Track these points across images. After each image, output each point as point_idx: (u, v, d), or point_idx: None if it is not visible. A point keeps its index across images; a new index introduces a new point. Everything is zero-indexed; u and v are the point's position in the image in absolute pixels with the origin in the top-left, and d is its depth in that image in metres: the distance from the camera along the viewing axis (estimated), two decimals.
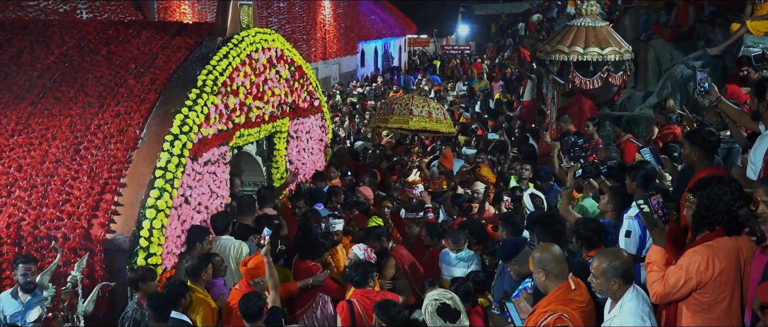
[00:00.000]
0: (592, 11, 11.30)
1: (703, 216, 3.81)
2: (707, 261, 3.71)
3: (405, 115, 10.16)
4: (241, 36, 7.75)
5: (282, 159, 8.90)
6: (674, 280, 3.75)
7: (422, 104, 10.34)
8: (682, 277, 3.73)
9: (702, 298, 3.77)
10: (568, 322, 3.91)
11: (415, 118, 10.10)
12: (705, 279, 3.72)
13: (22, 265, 5.83)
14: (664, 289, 3.77)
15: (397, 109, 10.29)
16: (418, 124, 10.15)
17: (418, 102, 10.39)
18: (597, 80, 10.78)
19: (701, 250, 3.76)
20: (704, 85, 5.50)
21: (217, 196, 7.22)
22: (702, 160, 4.98)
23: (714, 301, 3.76)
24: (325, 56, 25.20)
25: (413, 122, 10.10)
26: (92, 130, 6.80)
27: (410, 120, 10.09)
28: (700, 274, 3.71)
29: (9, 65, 7.61)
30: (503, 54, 31.48)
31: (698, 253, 3.75)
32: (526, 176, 8.80)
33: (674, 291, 3.77)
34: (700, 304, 3.78)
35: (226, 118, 7.33)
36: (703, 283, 3.72)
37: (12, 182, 6.48)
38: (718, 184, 3.81)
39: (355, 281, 5.74)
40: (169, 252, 6.38)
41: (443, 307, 4.68)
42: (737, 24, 10.33)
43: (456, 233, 6.50)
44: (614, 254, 4.03)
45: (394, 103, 10.64)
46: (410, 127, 10.20)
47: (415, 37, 40.17)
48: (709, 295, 3.75)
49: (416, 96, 11.09)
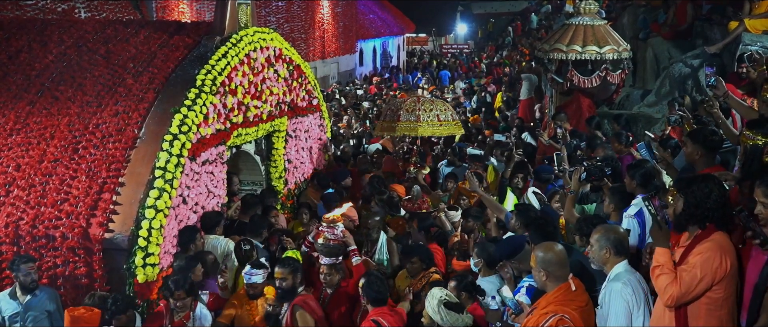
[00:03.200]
0: (590, 10, 11.29)
1: (692, 214, 3.80)
2: (720, 257, 3.68)
3: (413, 122, 9.76)
4: (240, 35, 7.75)
5: (280, 158, 8.89)
6: (690, 280, 3.70)
7: (429, 108, 9.93)
8: (697, 276, 3.69)
9: (715, 295, 3.73)
10: (570, 323, 3.92)
11: (423, 125, 9.72)
12: (719, 275, 3.68)
13: (24, 265, 5.82)
14: (681, 289, 3.71)
15: (403, 115, 9.85)
16: (427, 131, 9.78)
17: (425, 106, 9.97)
18: (595, 79, 10.78)
19: (711, 246, 3.72)
20: (712, 80, 5.54)
21: (214, 195, 7.22)
22: (703, 159, 4.98)
23: (725, 297, 3.73)
24: (323, 55, 25.20)
25: (422, 129, 9.72)
26: (91, 129, 6.80)
27: (419, 127, 9.70)
28: (715, 271, 3.67)
29: (7, 64, 7.60)
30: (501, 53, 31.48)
31: (710, 250, 3.71)
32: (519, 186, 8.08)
33: (691, 291, 3.72)
34: (714, 302, 3.74)
35: (225, 117, 7.33)
36: (718, 279, 3.69)
37: (10, 182, 6.48)
38: (703, 181, 3.81)
39: (375, 299, 5.27)
40: (166, 251, 6.38)
41: (449, 302, 4.75)
42: (735, 22, 10.35)
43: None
44: (610, 228, 4.32)
45: (400, 108, 10.12)
46: (419, 134, 9.84)
47: (414, 36, 40.18)
48: (722, 291, 3.72)
49: (422, 98, 10.48)
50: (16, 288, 5.88)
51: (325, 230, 5.87)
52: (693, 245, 3.81)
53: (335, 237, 5.83)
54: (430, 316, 4.76)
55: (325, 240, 5.82)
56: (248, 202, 7.69)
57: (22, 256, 5.94)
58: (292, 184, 9.25)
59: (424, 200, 7.88)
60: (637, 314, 4.05)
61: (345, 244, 5.90)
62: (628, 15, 14.68)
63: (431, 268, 6.20)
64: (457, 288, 5.26)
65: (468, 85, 24.26)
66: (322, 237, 5.87)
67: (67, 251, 6.12)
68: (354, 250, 6.04)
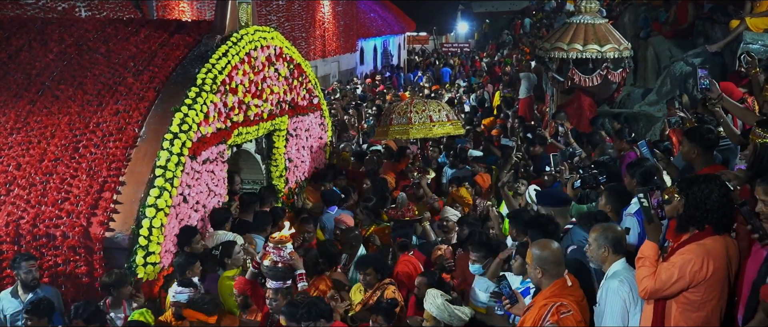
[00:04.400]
0: (591, 8, 11.30)
1: (692, 215, 3.80)
2: (702, 261, 3.70)
3: (404, 124, 9.36)
4: (240, 34, 7.75)
5: (281, 157, 8.89)
6: (666, 277, 3.74)
7: (421, 109, 9.53)
8: (674, 275, 3.72)
9: (692, 297, 3.76)
10: (567, 308, 3.98)
11: (415, 127, 9.28)
12: (698, 279, 3.70)
13: (26, 262, 5.82)
14: (655, 285, 3.77)
15: (395, 118, 9.50)
16: (419, 133, 9.34)
17: (417, 107, 9.57)
18: (596, 77, 10.78)
19: (696, 249, 3.74)
20: (705, 83, 5.52)
21: (215, 194, 7.22)
22: (701, 158, 4.98)
23: (704, 301, 3.75)
24: (324, 54, 25.18)
25: (414, 131, 9.31)
26: (91, 128, 6.80)
27: (410, 129, 9.30)
28: (693, 274, 3.70)
29: (8, 63, 7.61)
30: (502, 52, 31.47)
31: (693, 253, 3.73)
32: (521, 192, 7.85)
33: (665, 288, 3.76)
34: (691, 303, 3.77)
35: (225, 116, 7.33)
36: (696, 282, 3.72)
37: (11, 181, 6.48)
38: (705, 182, 3.80)
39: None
40: (167, 250, 6.38)
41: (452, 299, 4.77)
42: (737, 21, 10.34)
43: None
44: (609, 226, 4.33)
45: (392, 112, 9.79)
46: (411, 136, 9.44)
47: (415, 35, 40.16)
48: (701, 294, 3.74)
49: (416, 99, 10.14)
50: (17, 286, 5.89)
51: (272, 251, 5.17)
52: (684, 244, 3.81)
53: (282, 259, 5.18)
54: (433, 316, 4.74)
55: (272, 262, 5.15)
56: (246, 200, 7.67)
57: (23, 254, 5.95)
58: (293, 182, 9.25)
59: (409, 208, 7.51)
60: (634, 312, 4.06)
61: (292, 267, 5.23)
62: (629, 14, 14.68)
63: (386, 280, 5.91)
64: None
65: (468, 84, 24.28)
66: (268, 258, 5.20)
67: (67, 250, 6.13)
68: (301, 275, 5.36)
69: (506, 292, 4.46)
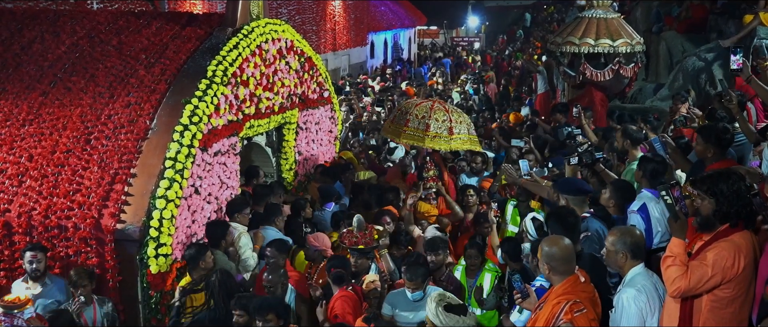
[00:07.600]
0: (603, 3, 11.24)
1: (726, 212, 3.75)
2: (734, 257, 3.66)
3: (421, 130, 8.25)
4: (251, 27, 7.74)
5: (291, 150, 8.90)
6: (700, 275, 3.69)
7: (442, 117, 8.27)
8: (708, 273, 3.68)
9: (721, 294, 3.72)
10: (581, 305, 3.95)
11: (430, 136, 8.17)
12: (730, 275, 3.67)
13: (29, 252, 5.88)
14: (689, 284, 3.71)
15: (412, 121, 8.34)
16: (435, 144, 8.24)
17: (437, 115, 8.29)
18: (608, 72, 10.74)
19: (727, 245, 3.70)
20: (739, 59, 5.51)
21: (228, 186, 7.24)
22: (715, 157, 4.95)
23: (733, 297, 3.72)
24: (334, 47, 25.15)
25: (429, 141, 8.19)
26: (103, 120, 6.82)
27: (426, 138, 8.18)
28: (726, 271, 3.66)
29: (20, 55, 7.63)
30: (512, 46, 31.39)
31: (725, 249, 3.69)
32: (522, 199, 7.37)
33: (698, 286, 3.71)
34: (720, 300, 3.73)
35: (236, 108, 7.33)
36: (728, 279, 3.68)
37: (23, 172, 6.52)
38: (728, 179, 3.76)
39: None
40: (179, 242, 6.40)
41: (449, 305, 4.65)
42: (750, 16, 10.28)
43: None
44: (627, 230, 4.21)
45: (409, 112, 8.52)
46: (426, 146, 8.35)
47: (425, 29, 40.07)
48: (731, 291, 3.71)
49: (437, 104, 8.69)
50: (27, 276, 5.94)
51: (4, 320, 4.47)
52: (711, 241, 3.78)
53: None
54: (430, 320, 4.70)
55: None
56: (259, 193, 7.70)
57: (29, 244, 6.01)
58: (303, 176, 9.26)
59: (368, 233, 6.15)
60: (651, 321, 4.01)
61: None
62: (641, 8, 14.61)
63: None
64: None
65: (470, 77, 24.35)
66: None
67: (79, 242, 6.15)
68: None
69: (518, 286, 4.43)
